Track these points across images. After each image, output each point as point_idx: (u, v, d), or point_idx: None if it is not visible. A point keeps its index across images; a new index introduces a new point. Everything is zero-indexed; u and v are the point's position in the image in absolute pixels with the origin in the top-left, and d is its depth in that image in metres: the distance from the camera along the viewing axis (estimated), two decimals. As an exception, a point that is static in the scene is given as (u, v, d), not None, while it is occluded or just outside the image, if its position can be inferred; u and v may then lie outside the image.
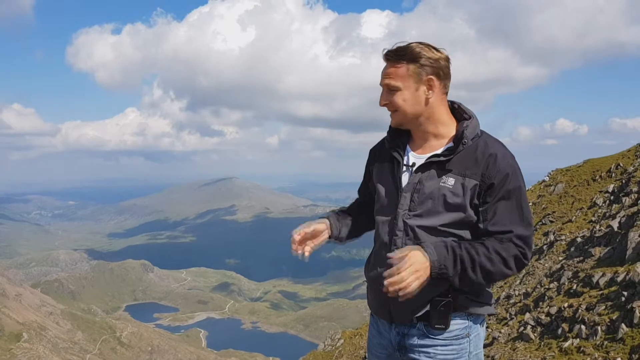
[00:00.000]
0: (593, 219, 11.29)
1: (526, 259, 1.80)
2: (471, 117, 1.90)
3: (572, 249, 10.09)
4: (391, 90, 1.87)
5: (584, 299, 7.12)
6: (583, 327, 6.33)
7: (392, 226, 1.92)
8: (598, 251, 8.66)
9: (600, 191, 12.67)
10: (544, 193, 15.85)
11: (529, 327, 7.59)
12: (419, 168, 1.89)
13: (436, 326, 1.86)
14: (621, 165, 13.67)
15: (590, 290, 7.31)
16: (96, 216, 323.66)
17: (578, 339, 6.25)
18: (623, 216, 9.03)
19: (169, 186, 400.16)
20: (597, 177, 14.26)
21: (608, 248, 8.45)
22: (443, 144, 1.89)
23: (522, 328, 7.80)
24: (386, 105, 1.92)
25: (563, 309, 7.24)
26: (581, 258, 9.05)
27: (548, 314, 7.56)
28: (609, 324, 6.01)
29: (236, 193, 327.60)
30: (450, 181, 1.82)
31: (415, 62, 1.81)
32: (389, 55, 1.85)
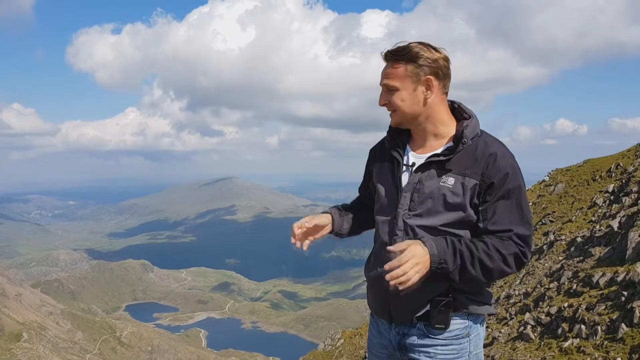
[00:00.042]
0: (593, 219, 11.28)
1: (525, 258, 1.80)
2: (471, 117, 1.90)
3: (572, 249, 10.08)
4: (390, 90, 1.88)
5: (584, 299, 7.12)
6: (583, 327, 6.33)
7: (392, 226, 1.92)
8: (598, 251, 8.66)
9: (600, 191, 12.66)
10: (544, 193, 15.85)
11: (529, 327, 7.58)
12: (419, 168, 1.90)
13: (436, 326, 1.87)
14: (621, 165, 13.67)
15: (590, 290, 7.31)
16: (96, 216, 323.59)
17: (578, 339, 6.25)
18: (623, 216, 9.03)
19: (169, 186, 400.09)
20: (597, 177, 14.26)
21: (608, 248, 8.45)
22: (443, 144, 1.90)
23: (522, 328, 7.80)
24: (385, 105, 1.92)
25: (563, 309, 7.24)
26: (581, 258, 9.05)
27: (548, 314, 7.56)
28: (609, 324, 6.01)
29: (236, 193, 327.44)
30: (450, 181, 1.82)
31: (413, 62, 1.81)
32: (388, 55, 1.86)
